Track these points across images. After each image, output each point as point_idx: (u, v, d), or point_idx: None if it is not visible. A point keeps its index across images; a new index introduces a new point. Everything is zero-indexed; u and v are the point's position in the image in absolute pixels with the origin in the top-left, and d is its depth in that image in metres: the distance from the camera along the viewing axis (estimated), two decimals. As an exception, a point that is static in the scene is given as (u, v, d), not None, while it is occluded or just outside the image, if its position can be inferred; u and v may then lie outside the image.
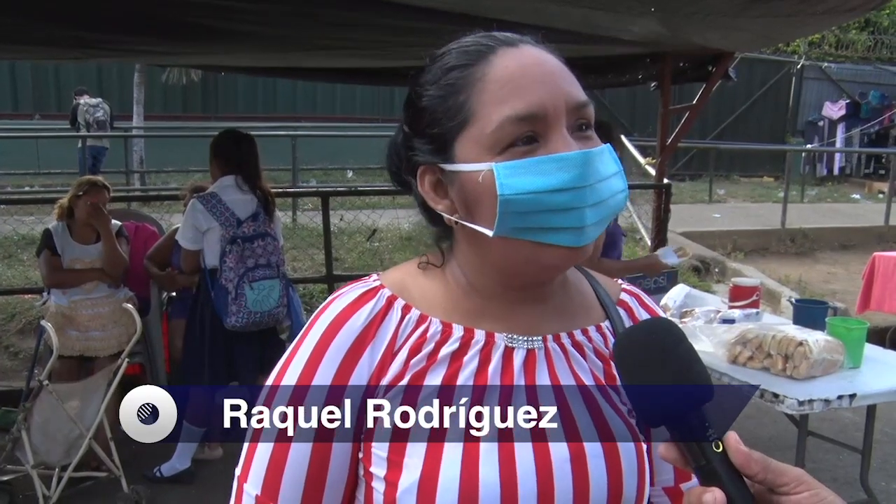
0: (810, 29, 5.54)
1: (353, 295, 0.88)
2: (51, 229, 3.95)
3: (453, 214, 0.85)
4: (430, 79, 0.85)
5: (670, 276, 4.27)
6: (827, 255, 9.45)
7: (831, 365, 2.85)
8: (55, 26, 3.26)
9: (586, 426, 0.85)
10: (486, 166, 0.79)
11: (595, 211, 0.80)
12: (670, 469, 0.94)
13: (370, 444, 0.83)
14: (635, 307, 0.98)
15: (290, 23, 3.22)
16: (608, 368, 0.91)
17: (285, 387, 0.85)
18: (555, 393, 0.86)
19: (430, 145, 0.85)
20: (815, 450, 3.63)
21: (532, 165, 0.78)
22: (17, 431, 3.32)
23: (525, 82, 0.80)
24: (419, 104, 0.86)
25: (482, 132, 0.80)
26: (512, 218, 0.79)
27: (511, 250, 0.82)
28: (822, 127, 15.71)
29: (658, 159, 5.72)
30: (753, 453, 0.67)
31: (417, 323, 0.87)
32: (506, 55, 0.83)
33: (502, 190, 0.78)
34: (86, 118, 11.07)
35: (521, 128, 0.79)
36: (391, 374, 0.84)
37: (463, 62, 0.83)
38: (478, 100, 0.81)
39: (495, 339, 0.87)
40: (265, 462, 0.84)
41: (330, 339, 0.85)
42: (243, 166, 3.51)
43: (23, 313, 5.43)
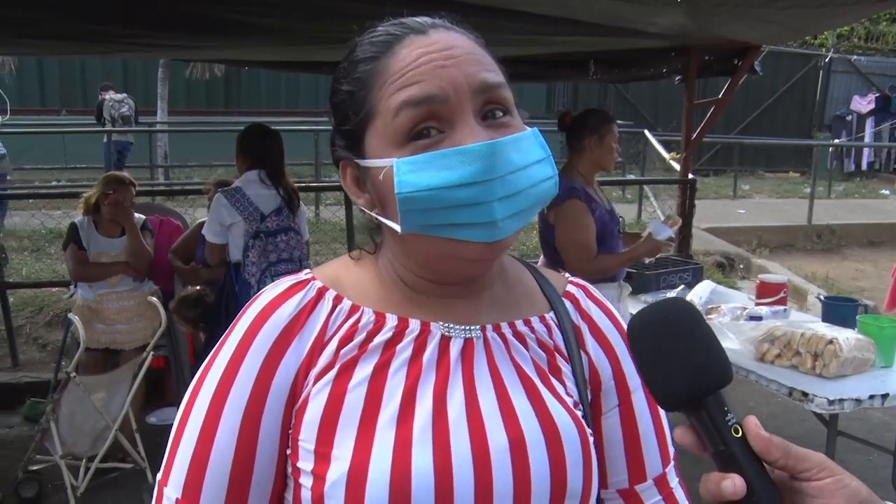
0: (840, 20, 5.45)
1: (282, 287, 0.85)
2: (77, 223, 4.00)
3: (373, 209, 0.83)
4: (343, 73, 0.83)
5: (696, 272, 4.24)
6: (855, 251, 9.32)
7: (862, 364, 2.80)
8: (81, 21, 3.29)
9: (527, 415, 0.81)
10: (387, 162, 0.77)
11: (507, 204, 0.76)
12: (623, 470, 0.90)
13: (297, 437, 0.80)
14: (582, 298, 0.94)
15: (314, 17, 3.21)
16: (552, 359, 0.88)
17: (209, 382, 0.82)
18: (494, 381, 0.83)
19: (345, 140, 0.84)
20: (843, 450, 3.57)
21: (433, 160, 0.75)
22: (45, 422, 3.37)
23: (426, 68, 0.76)
24: (334, 100, 0.85)
25: (385, 124, 0.77)
26: (415, 215, 0.76)
27: (426, 246, 0.79)
28: (850, 121, 15.47)
29: (682, 154, 5.66)
30: (774, 438, 0.65)
31: (349, 313, 0.84)
32: (411, 44, 0.79)
33: (400, 188, 0.75)
34: (111, 113, 11.19)
35: (419, 113, 0.75)
36: (321, 365, 0.81)
37: (369, 54, 0.81)
38: (378, 93, 0.78)
39: (431, 329, 0.83)
40: (186, 463, 0.80)
41: (256, 330, 0.82)
42: (268, 161, 3.52)
43: (50, 306, 5.51)
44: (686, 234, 5.52)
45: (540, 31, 3.64)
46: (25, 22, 3.25)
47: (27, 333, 5.31)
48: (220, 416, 0.80)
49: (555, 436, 0.81)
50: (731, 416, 0.66)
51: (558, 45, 4.36)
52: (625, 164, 12.21)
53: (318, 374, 0.81)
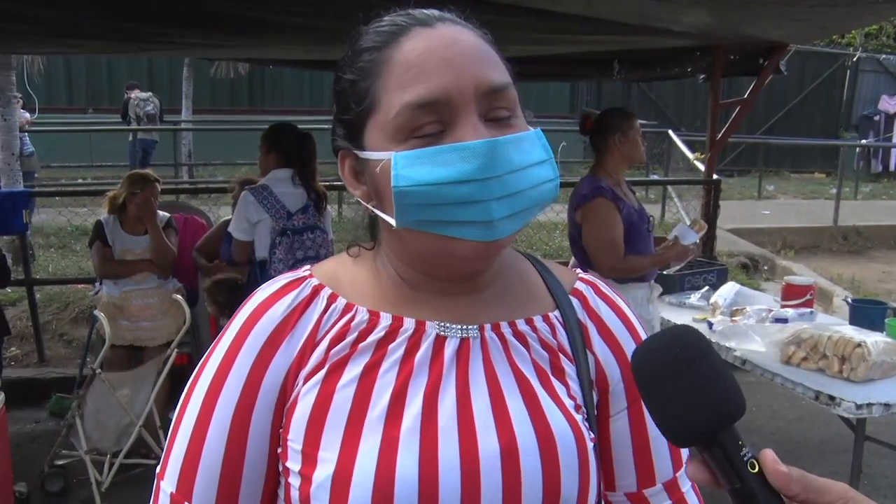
0: (870, 19, 5.37)
1: (278, 285, 0.85)
2: (102, 221, 4.04)
3: (369, 202, 0.82)
4: (347, 62, 0.82)
5: (720, 273, 4.19)
6: (882, 253, 9.18)
7: (891, 368, 2.75)
8: (110, 20, 3.33)
9: (521, 420, 0.79)
10: (386, 155, 0.75)
11: (504, 204, 0.74)
12: (632, 473, 0.88)
13: (287, 437, 0.80)
14: (590, 296, 0.91)
15: (338, 15, 3.22)
16: (555, 360, 0.85)
17: (203, 379, 0.82)
18: (489, 384, 0.81)
19: (344, 130, 0.82)
20: (870, 455, 3.52)
21: (431, 155, 0.73)
22: (71, 418, 3.41)
23: (430, 66, 0.75)
24: (336, 88, 0.83)
25: (385, 119, 0.76)
26: (411, 210, 0.74)
27: (423, 242, 0.78)
28: (877, 121, 15.23)
29: (707, 155, 5.61)
30: (793, 471, 0.61)
31: (343, 312, 0.83)
32: (416, 37, 0.77)
33: (396, 181, 0.74)
34: (136, 112, 11.31)
35: (423, 115, 0.74)
36: (311, 364, 0.80)
37: (374, 44, 0.79)
38: (382, 85, 0.77)
39: (426, 328, 0.82)
40: (180, 458, 0.81)
41: (248, 329, 0.82)
42: (305, 164, 3.54)
43: (76, 302, 5.58)
44: (710, 235, 5.47)
45: (565, 30, 3.62)
46: (56, 21, 3.30)
47: (53, 330, 5.38)
48: (211, 413, 0.80)
49: (549, 442, 0.79)
50: (746, 450, 0.63)
51: (583, 45, 4.33)
52: (649, 165, 12.13)
53: (307, 374, 0.80)
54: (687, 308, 3.70)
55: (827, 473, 0.64)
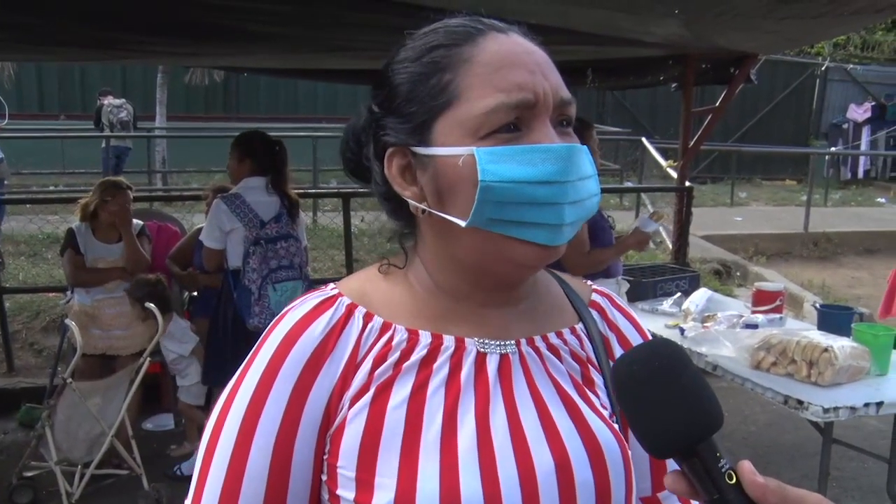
0: (837, 31, 5.48)
1: (310, 305, 0.82)
2: (74, 229, 4.00)
3: (421, 202, 0.79)
4: (411, 55, 0.80)
5: (692, 279, 4.24)
6: (851, 259, 9.33)
7: (857, 372, 2.80)
8: (80, 27, 3.30)
9: (569, 433, 0.80)
10: (467, 150, 0.75)
11: (573, 210, 0.77)
12: (647, 478, 0.90)
13: (335, 464, 0.78)
14: (608, 308, 0.94)
15: (312, 24, 3.23)
16: (586, 371, 0.87)
17: (237, 408, 0.78)
18: (533, 399, 0.81)
19: (405, 125, 0.79)
20: (839, 458, 3.57)
21: (516, 153, 0.74)
22: (41, 428, 3.36)
23: (517, 69, 0.76)
24: (395, 80, 0.80)
25: (468, 115, 0.75)
26: (490, 207, 0.74)
27: (482, 245, 0.77)
28: (846, 130, 15.50)
29: (680, 162, 5.68)
30: (770, 482, 0.63)
31: (381, 331, 0.81)
32: (495, 40, 0.78)
33: (483, 175, 0.73)
34: (110, 118, 11.18)
35: (512, 114, 0.75)
36: (355, 387, 0.78)
37: (450, 41, 0.78)
38: (465, 81, 0.76)
39: (466, 345, 0.81)
40: (216, 492, 0.78)
41: (285, 353, 0.79)
42: (278, 172, 3.53)
43: (47, 311, 5.50)
44: (683, 242, 5.53)
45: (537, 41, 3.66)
46: (28, 28, 3.26)
47: (23, 339, 5.30)
48: (250, 446, 0.77)
49: (598, 454, 0.80)
50: (724, 461, 0.64)
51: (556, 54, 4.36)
52: (622, 172, 12.23)
53: (353, 397, 0.78)
54: (659, 314, 3.74)
55: (797, 477, 0.65)
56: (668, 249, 6.01)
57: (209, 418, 0.82)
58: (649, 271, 4.40)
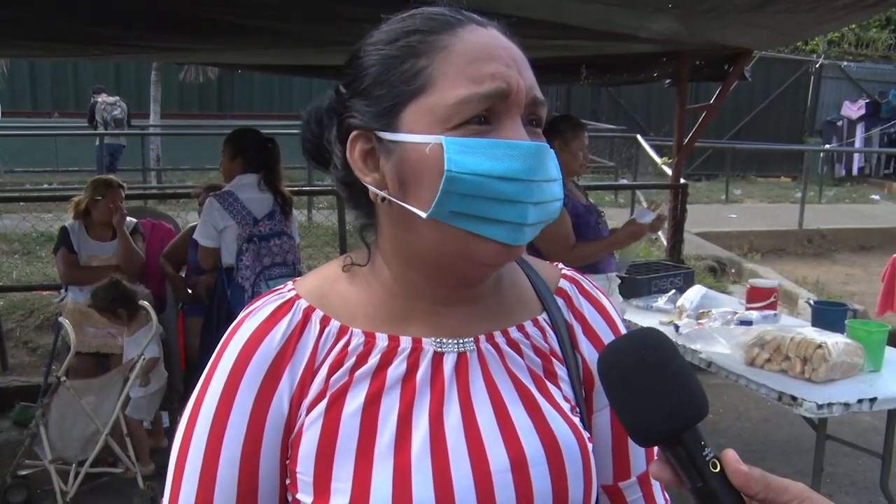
0: (829, 26, 5.47)
1: (267, 311, 0.82)
2: (67, 227, 3.99)
3: (382, 190, 0.77)
4: (385, 38, 0.78)
5: (687, 276, 4.25)
6: (845, 256, 9.36)
7: (851, 368, 2.81)
8: (72, 22, 3.29)
9: (526, 430, 0.79)
10: (435, 139, 0.73)
11: (536, 210, 0.75)
12: (610, 467, 0.90)
13: (295, 469, 0.78)
14: (574, 295, 0.92)
15: (307, 19, 3.22)
16: (548, 364, 0.86)
17: (203, 418, 0.79)
18: (490, 397, 0.80)
19: (372, 108, 0.77)
20: (833, 454, 3.59)
21: (485, 146, 0.73)
22: (35, 427, 3.35)
23: (492, 62, 0.75)
24: (366, 62, 0.78)
25: (439, 103, 0.73)
26: (453, 199, 0.72)
27: (442, 239, 0.75)
28: (840, 127, 15.54)
29: (674, 159, 5.69)
30: (753, 471, 0.63)
31: (338, 336, 0.81)
32: (474, 31, 0.77)
33: (450, 165, 0.71)
34: (103, 116, 11.15)
35: (484, 105, 0.73)
36: (312, 394, 0.79)
37: (427, 28, 0.77)
38: (440, 69, 0.74)
39: (423, 345, 0.81)
40: (191, 501, 0.79)
41: (245, 362, 0.79)
42: (271, 169, 3.52)
43: (41, 309, 5.48)
44: (677, 239, 5.54)
45: (531, 36, 3.65)
46: (20, 23, 3.25)
47: (17, 337, 5.28)
48: (218, 457, 0.78)
49: (556, 451, 0.79)
50: (708, 450, 0.65)
51: (550, 50, 4.37)
52: (617, 169, 12.25)
53: (309, 405, 0.79)
54: (654, 311, 3.74)
55: (791, 472, 0.65)
56: (662, 246, 6.02)
57: (178, 427, 0.83)
58: (644, 268, 4.41)
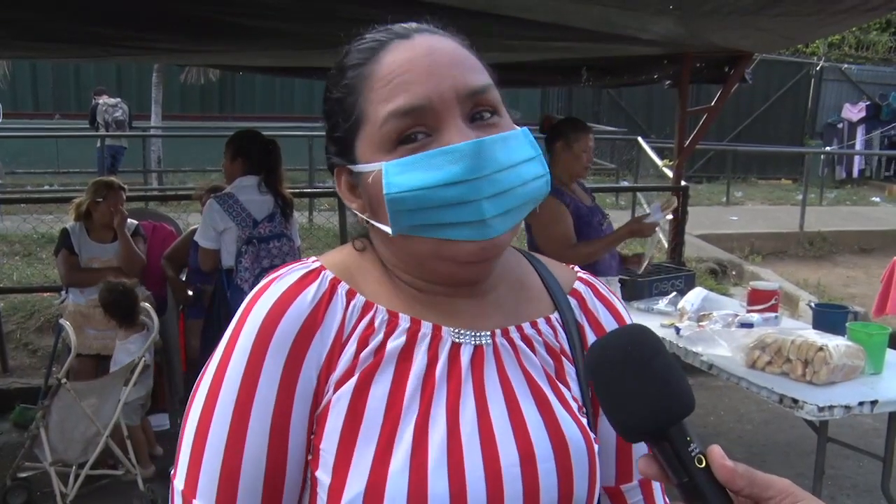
0: (830, 29, 5.49)
1: (294, 276, 0.81)
2: (68, 229, 3.98)
3: (364, 213, 0.83)
4: (332, 81, 0.85)
5: (688, 278, 4.25)
6: (846, 258, 9.35)
7: (852, 370, 2.81)
8: (74, 22, 3.29)
9: (536, 427, 0.81)
10: (377, 166, 0.77)
11: (495, 202, 0.76)
12: (612, 468, 0.91)
13: (319, 445, 0.78)
14: (589, 297, 0.93)
15: (309, 19, 3.22)
16: (559, 363, 0.87)
17: (229, 385, 0.77)
18: (504, 392, 0.82)
19: (337, 146, 0.85)
20: (834, 456, 3.58)
21: (421, 161, 0.75)
22: (35, 429, 3.35)
23: (410, 76, 0.77)
24: (325, 108, 0.86)
25: (373, 131, 0.78)
26: (404, 216, 0.76)
27: (417, 248, 0.79)
28: (841, 129, 15.54)
29: (675, 161, 5.68)
30: (738, 467, 0.64)
31: (363, 311, 0.81)
32: (396, 50, 0.80)
33: (388, 189, 0.76)
34: (105, 118, 11.16)
35: (406, 122, 0.76)
36: (340, 369, 0.79)
37: (356, 61, 0.82)
38: (366, 99, 0.79)
39: (442, 334, 0.82)
40: (216, 474, 0.77)
41: (272, 326, 0.78)
42: (271, 171, 3.52)
43: (41, 311, 5.48)
44: (679, 241, 5.53)
45: (533, 38, 3.66)
46: (21, 24, 3.25)
47: (18, 339, 5.28)
48: (247, 423, 0.77)
49: (563, 449, 0.81)
50: (694, 445, 0.65)
51: (551, 52, 4.38)
52: (618, 171, 12.25)
53: (338, 381, 0.78)
54: (655, 313, 3.74)
55: (792, 475, 0.65)
56: (663, 248, 6.02)
57: (194, 395, 0.80)
58: (645, 270, 4.40)
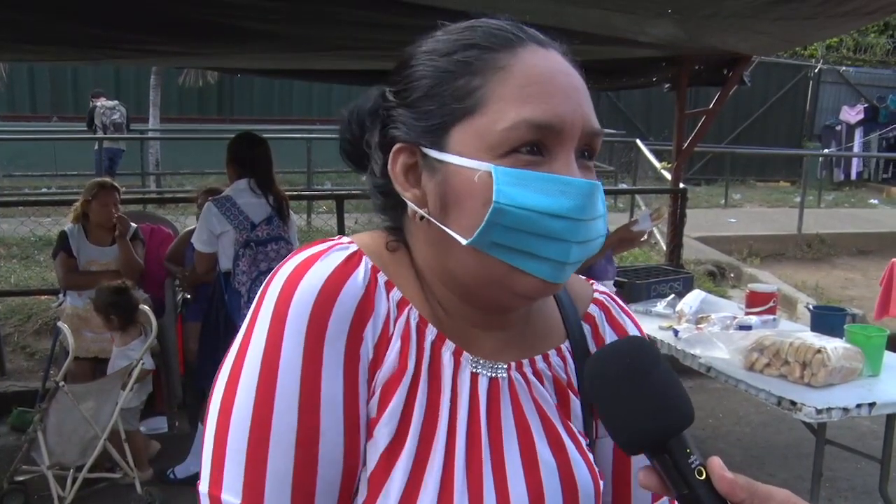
0: (829, 32, 5.50)
1: (340, 256, 0.74)
2: (66, 231, 3.98)
3: (422, 207, 0.74)
4: (441, 49, 0.74)
5: (686, 281, 4.25)
6: (844, 260, 9.36)
7: (850, 373, 2.81)
8: (72, 25, 3.29)
9: (548, 468, 0.78)
10: (485, 166, 0.69)
11: (580, 249, 0.72)
12: (609, 494, 0.88)
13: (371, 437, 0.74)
14: (601, 323, 0.89)
15: (308, 22, 3.22)
16: (564, 399, 0.84)
17: (287, 377, 0.70)
18: (518, 429, 0.79)
19: (420, 122, 0.74)
20: (832, 458, 3.58)
21: (535, 180, 0.69)
22: (32, 432, 3.34)
23: (551, 89, 0.71)
24: (418, 72, 0.75)
25: (491, 128, 0.70)
26: (497, 231, 0.69)
27: (479, 267, 0.72)
28: (839, 131, 15.56)
29: (674, 163, 5.69)
30: (739, 478, 0.63)
31: (400, 307, 0.76)
32: (535, 53, 0.73)
33: (498, 197, 0.68)
34: (102, 120, 11.15)
35: (533, 134, 0.70)
36: (388, 367, 0.74)
37: (487, 43, 0.73)
38: (495, 90, 0.71)
39: (462, 361, 0.78)
40: (241, 462, 0.70)
41: (328, 308, 0.71)
42: (257, 170, 3.52)
43: (39, 314, 5.47)
44: (677, 243, 5.54)
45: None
46: (19, 26, 3.25)
47: (15, 342, 5.27)
48: (317, 420, 0.70)
49: (573, 492, 0.79)
50: (694, 457, 0.65)
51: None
52: (617, 174, 12.25)
53: (387, 380, 0.74)
54: (653, 316, 3.74)
55: (790, 477, 0.65)
56: (662, 251, 6.02)
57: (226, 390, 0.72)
58: (643, 273, 4.41)
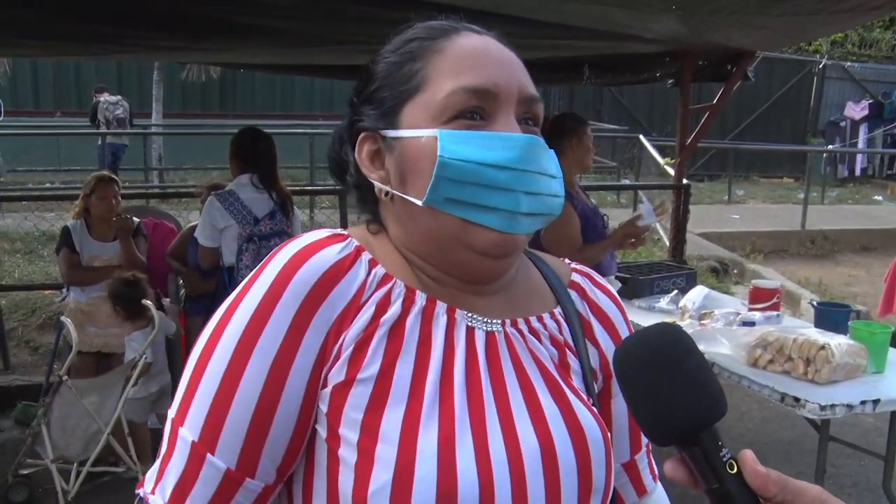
0: (833, 28, 5.47)
1: (318, 235, 0.82)
2: (69, 227, 3.99)
3: (386, 185, 0.83)
4: (391, 47, 0.86)
5: (689, 276, 4.24)
6: (848, 257, 9.34)
7: (854, 369, 2.80)
8: (74, 20, 3.29)
9: (553, 416, 0.81)
10: (431, 132, 0.78)
11: (530, 200, 0.78)
12: (626, 443, 0.93)
13: (342, 404, 0.76)
14: (588, 287, 0.95)
15: (307, 17, 3.22)
16: (563, 356, 0.88)
17: (236, 322, 0.76)
18: (519, 379, 0.82)
19: (376, 110, 0.84)
20: (835, 455, 3.58)
21: (476, 138, 0.78)
22: (36, 426, 3.35)
23: (483, 61, 0.81)
24: (373, 70, 0.86)
25: (432, 99, 0.80)
26: (446, 185, 0.76)
27: (438, 227, 0.79)
28: (843, 127, 15.52)
29: (677, 159, 5.67)
30: (772, 473, 0.62)
31: (382, 281, 0.81)
32: (469, 37, 0.83)
33: (442, 152, 0.76)
34: (105, 116, 11.16)
35: (471, 99, 0.79)
36: (357, 328, 0.77)
37: (425, 35, 0.84)
38: (433, 68, 0.81)
39: (457, 317, 0.82)
40: (205, 407, 0.76)
41: (291, 273, 0.77)
42: (259, 165, 3.52)
43: (43, 309, 5.49)
44: (680, 239, 5.53)
45: (534, 36, 3.65)
46: (22, 22, 3.25)
47: (19, 336, 5.29)
48: (245, 364, 0.75)
49: (581, 437, 0.81)
50: (725, 450, 0.63)
51: (553, 50, 4.37)
52: (620, 169, 12.24)
53: (358, 340, 0.77)
54: (656, 312, 3.73)
55: (793, 474, 0.65)
56: (665, 247, 6.01)
57: (199, 336, 0.80)
58: (646, 268, 4.40)
